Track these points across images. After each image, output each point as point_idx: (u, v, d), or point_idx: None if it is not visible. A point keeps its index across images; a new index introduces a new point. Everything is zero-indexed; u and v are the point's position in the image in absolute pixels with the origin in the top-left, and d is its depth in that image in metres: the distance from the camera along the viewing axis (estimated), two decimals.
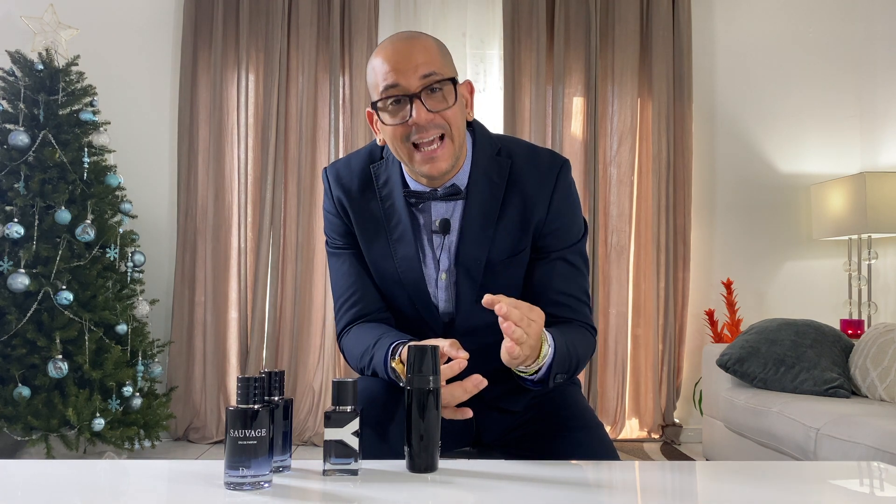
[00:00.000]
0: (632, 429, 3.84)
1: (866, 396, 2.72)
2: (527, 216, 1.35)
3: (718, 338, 3.78)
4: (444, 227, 1.36)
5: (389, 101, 1.26)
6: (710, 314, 3.85)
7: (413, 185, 1.37)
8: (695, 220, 3.92)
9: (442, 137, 1.27)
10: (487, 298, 1.10)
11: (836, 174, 3.93)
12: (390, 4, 3.84)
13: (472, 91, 1.36)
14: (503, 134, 1.62)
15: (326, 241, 1.48)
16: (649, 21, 3.89)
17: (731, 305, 3.79)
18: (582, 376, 3.75)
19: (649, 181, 3.84)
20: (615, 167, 3.87)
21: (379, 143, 1.38)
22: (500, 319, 1.09)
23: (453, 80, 1.28)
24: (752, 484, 1.04)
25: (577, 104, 3.89)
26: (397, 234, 1.37)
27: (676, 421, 3.84)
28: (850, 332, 3.49)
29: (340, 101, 3.78)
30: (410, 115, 1.24)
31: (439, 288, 1.38)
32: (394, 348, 1.27)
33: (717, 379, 3.12)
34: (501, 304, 1.09)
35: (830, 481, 1.10)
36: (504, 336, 1.10)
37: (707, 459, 3.26)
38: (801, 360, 2.81)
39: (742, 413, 2.83)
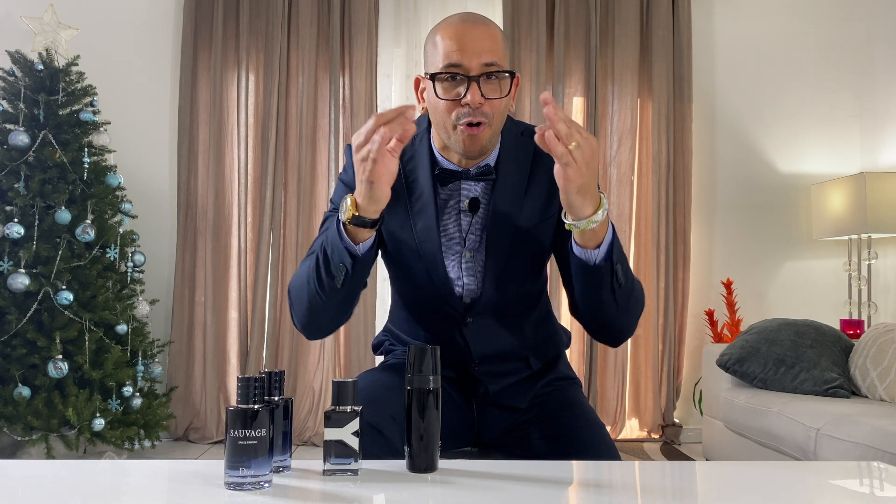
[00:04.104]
0: (632, 429, 3.84)
1: (866, 396, 2.72)
2: (553, 185, 1.36)
3: (718, 338, 3.78)
4: (475, 206, 1.38)
5: (447, 76, 1.29)
6: (710, 314, 3.85)
7: (445, 164, 1.39)
8: (695, 220, 3.92)
9: (480, 122, 1.30)
10: (545, 97, 1.11)
11: (836, 174, 3.93)
12: (390, 4, 3.84)
13: (517, 85, 1.39)
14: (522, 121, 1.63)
15: (328, 209, 1.43)
16: (649, 21, 3.88)
17: (731, 305, 3.79)
18: (582, 376, 3.75)
19: (649, 181, 3.84)
20: (615, 167, 3.87)
21: (421, 111, 1.40)
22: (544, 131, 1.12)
23: (511, 75, 1.32)
24: (752, 484, 1.04)
25: (577, 104, 3.89)
26: (418, 207, 1.38)
27: (676, 421, 3.84)
28: (850, 332, 3.48)
29: (340, 101, 3.78)
30: (464, 95, 1.27)
31: (463, 266, 1.39)
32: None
33: (717, 379, 3.12)
34: (551, 107, 1.11)
35: (830, 481, 1.10)
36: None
37: (707, 459, 3.26)
38: (801, 360, 2.81)
39: (742, 413, 2.83)
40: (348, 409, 1.03)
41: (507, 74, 1.31)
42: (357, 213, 1.20)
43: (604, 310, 1.28)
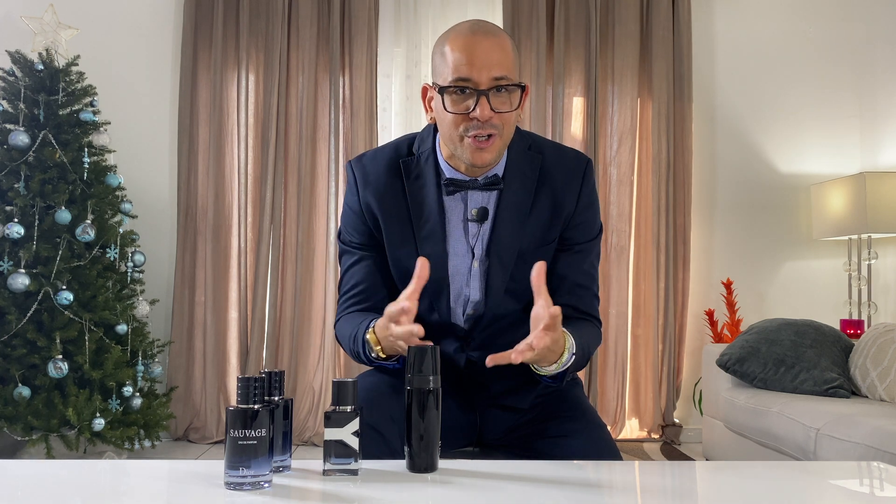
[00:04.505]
0: (632, 429, 3.84)
1: (866, 396, 2.72)
2: (557, 208, 1.40)
3: (718, 338, 3.78)
4: (483, 215, 1.38)
5: (456, 89, 1.29)
6: (710, 314, 3.85)
7: (450, 174, 1.38)
8: (695, 220, 3.92)
9: (491, 135, 1.31)
10: (490, 361, 1.17)
11: (836, 174, 3.93)
12: (390, 4, 3.84)
13: (527, 95, 1.40)
14: (528, 130, 1.64)
15: (339, 234, 1.48)
16: (649, 21, 3.88)
17: (731, 305, 3.79)
18: (582, 376, 3.75)
19: (649, 181, 3.84)
20: (615, 167, 3.87)
21: (428, 121, 1.41)
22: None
23: (521, 87, 1.32)
24: (752, 484, 1.04)
25: (577, 104, 3.89)
26: (425, 232, 1.38)
27: (676, 421, 3.84)
28: (850, 332, 3.48)
29: (340, 101, 3.78)
30: (473, 109, 1.27)
31: (472, 277, 1.39)
32: (373, 322, 1.30)
33: (717, 379, 3.12)
34: (519, 356, 1.17)
35: (830, 481, 1.10)
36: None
37: (707, 459, 3.26)
38: (801, 360, 2.81)
39: (742, 413, 2.83)
40: (348, 409, 1.03)
41: (517, 87, 1.30)
42: (385, 357, 1.30)
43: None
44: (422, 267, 1.20)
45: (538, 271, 1.20)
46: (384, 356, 1.29)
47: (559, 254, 1.42)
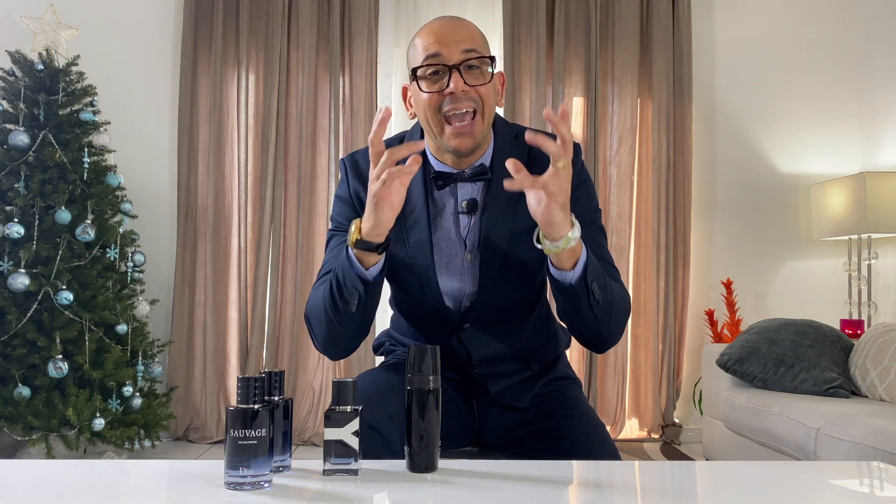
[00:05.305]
0: (632, 429, 3.84)
1: (866, 396, 2.72)
2: None
3: (718, 338, 3.78)
4: (472, 206, 1.39)
5: (429, 70, 1.31)
6: (710, 314, 3.85)
7: (438, 167, 1.39)
8: (695, 220, 3.92)
9: (474, 115, 1.31)
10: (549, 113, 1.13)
11: (836, 174, 3.93)
12: (390, 4, 3.84)
13: (503, 83, 1.41)
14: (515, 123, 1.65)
15: (330, 228, 1.49)
16: (649, 21, 3.88)
17: (731, 305, 3.79)
18: (582, 376, 3.75)
19: (649, 181, 3.84)
20: (615, 167, 3.87)
21: (409, 118, 1.42)
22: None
23: (492, 59, 1.33)
24: (752, 484, 1.04)
25: (577, 104, 3.89)
26: (411, 221, 1.39)
27: (676, 421, 3.84)
28: (849, 332, 3.48)
29: (340, 101, 3.78)
30: (447, 86, 1.29)
31: (465, 269, 1.39)
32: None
33: (717, 379, 3.12)
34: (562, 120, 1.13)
35: (830, 481, 1.10)
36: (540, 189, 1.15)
37: (707, 459, 3.26)
38: (801, 360, 2.81)
39: (742, 413, 2.83)
40: (348, 408, 1.03)
41: (487, 59, 1.32)
42: (360, 238, 1.21)
43: (584, 324, 1.31)
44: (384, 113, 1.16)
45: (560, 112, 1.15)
46: (358, 240, 1.21)
47: None
